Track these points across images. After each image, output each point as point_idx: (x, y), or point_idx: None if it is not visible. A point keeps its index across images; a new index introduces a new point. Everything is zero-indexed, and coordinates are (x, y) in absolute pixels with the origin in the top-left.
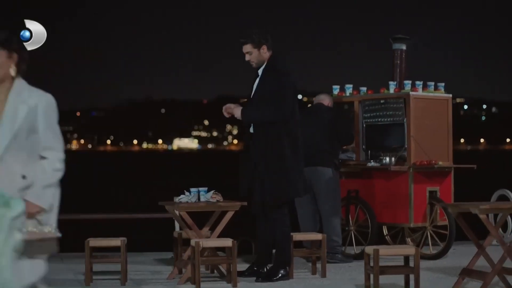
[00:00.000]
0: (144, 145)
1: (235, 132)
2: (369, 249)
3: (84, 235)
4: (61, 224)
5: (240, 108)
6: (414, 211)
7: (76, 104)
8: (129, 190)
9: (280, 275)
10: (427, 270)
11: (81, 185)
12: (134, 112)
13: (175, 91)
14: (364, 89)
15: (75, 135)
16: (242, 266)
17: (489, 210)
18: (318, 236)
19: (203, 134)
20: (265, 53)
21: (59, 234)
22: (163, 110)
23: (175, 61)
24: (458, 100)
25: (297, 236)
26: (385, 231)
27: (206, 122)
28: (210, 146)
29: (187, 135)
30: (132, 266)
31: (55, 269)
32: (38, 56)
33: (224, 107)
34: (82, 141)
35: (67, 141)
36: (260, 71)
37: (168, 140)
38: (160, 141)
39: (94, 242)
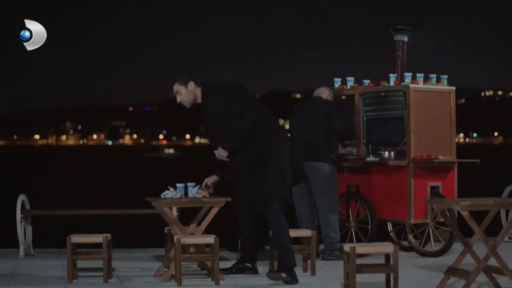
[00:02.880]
0: (197, 140)
1: (287, 126)
2: (347, 247)
3: (88, 231)
4: (71, 220)
5: (220, 147)
6: (414, 207)
7: (128, 99)
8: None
9: (288, 277)
10: (422, 268)
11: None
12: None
13: None
14: (367, 82)
15: (128, 130)
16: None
17: (470, 207)
18: (307, 233)
19: None
20: (193, 89)
21: None
22: None
23: (228, 55)
24: None
25: None
26: (389, 228)
27: None
28: None
29: None
30: (126, 263)
31: (49, 265)
32: (87, 53)
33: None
34: (134, 136)
35: (119, 136)
36: (201, 108)
37: None
38: None
39: (76, 238)
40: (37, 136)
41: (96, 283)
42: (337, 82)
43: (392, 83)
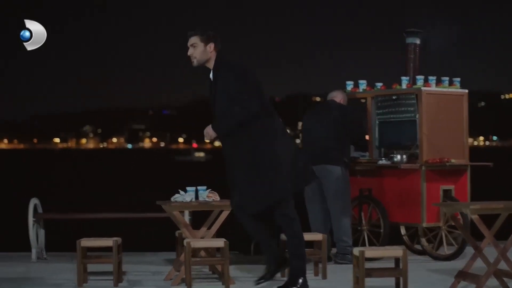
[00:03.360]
0: (217, 143)
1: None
2: (356, 251)
3: (102, 235)
4: (85, 223)
5: (210, 126)
6: (427, 211)
7: (148, 103)
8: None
9: (299, 283)
10: (434, 272)
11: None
12: (206, 110)
13: None
14: (379, 84)
15: (148, 134)
16: (259, 267)
17: (480, 210)
18: (318, 237)
19: None
20: (210, 51)
21: None
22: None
23: (247, 59)
24: None
25: None
26: (402, 231)
27: None
28: None
29: None
30: (138, 266)
31: (60, 269)
32: (107, 56)
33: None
34: (154, 140)
35: (139, 139)
36: (211, 75)
37: None
38: None
39: (85, 242)
40: (57, 140)
41: (106, 287)
42: (350, 85)
43: (404, 86)
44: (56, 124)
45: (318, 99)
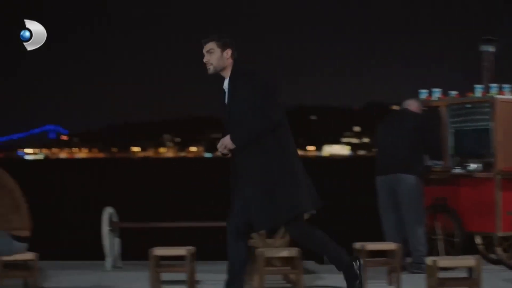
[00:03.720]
0: None
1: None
2: (429, 261)
3: (179, 243)
4: (162, 232)
5: (228, 136)
6: (502, 219)
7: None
8: None
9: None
10: (509, 281)
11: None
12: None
13: (326, 98)
14: (453, 93)
15: None
16: (332, 276)
17: None
18: (391, 246)
19: (354, 140)
20: (227, 58)
21: None
22: (313, 117)
23: (326, 68)
24: None
25: (369, 246)
26: (478, 240)
27: (357, 129)
28: (361, 152)
29: (337, 141)
30: (211, 275)
31: (134, 278)
32: (188, 64)
33: (219, 147)
34: None
35: (215, 149)
36: (226, 85)
37: (318, 147)
38: (310, 147)
39: (159, 251)
40: (136, 149)
41: None
42: (423, 93)
43: (478, 94)
44: (135, 133)
45: (396, 107)
